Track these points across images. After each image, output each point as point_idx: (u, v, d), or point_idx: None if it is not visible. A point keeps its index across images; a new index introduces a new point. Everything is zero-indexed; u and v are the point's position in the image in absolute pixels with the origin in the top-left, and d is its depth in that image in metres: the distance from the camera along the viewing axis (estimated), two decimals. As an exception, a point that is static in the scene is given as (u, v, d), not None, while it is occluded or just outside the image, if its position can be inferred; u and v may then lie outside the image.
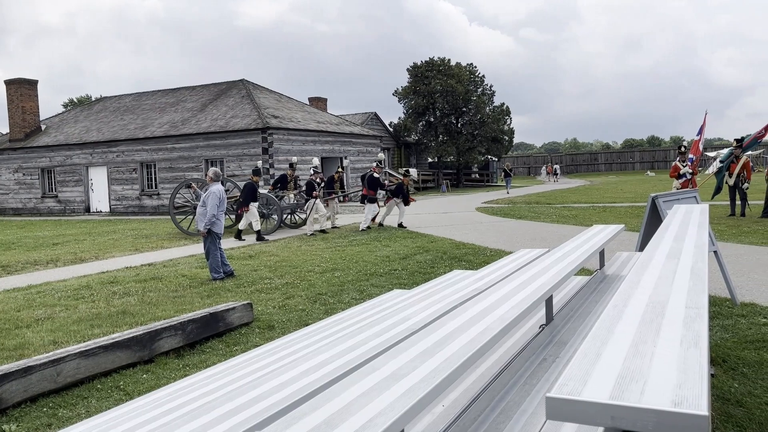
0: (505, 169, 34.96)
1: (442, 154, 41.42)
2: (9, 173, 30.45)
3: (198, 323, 5.80)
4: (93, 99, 54.77)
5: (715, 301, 6.23)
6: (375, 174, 15.36)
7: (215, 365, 4.01)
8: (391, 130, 42.78)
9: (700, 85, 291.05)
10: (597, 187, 33.21)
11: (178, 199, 16.98)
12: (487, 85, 41.30)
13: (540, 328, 3.23)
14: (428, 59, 40.25)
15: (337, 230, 15.34)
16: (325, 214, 15.02)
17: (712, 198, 16.19)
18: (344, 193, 18.22)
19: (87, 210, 28.46)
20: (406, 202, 15.33)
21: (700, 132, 14.90)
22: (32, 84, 30.48)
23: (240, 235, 14.40)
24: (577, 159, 64.08)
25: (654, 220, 5.86)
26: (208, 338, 5.92)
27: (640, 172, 54.09)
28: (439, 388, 1.65)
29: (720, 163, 15.84)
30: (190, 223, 15.80)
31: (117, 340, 5.11)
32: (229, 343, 5.82)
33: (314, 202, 14.72)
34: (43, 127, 31.30)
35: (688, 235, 3.31)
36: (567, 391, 1.28)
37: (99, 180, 28.22)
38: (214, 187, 9.06)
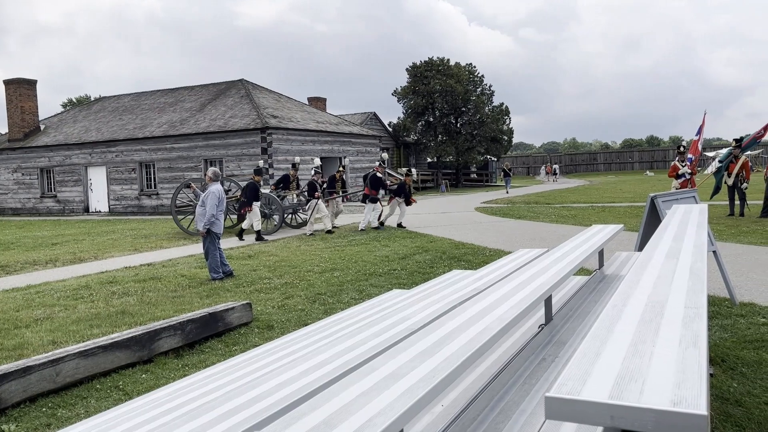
0: (505, 169, 34.96)
1: (441, 154, 41.43)
2: (8, 173, 30.44)
3: (197, 323, 5.80)
4: (92, 99, 54.72)
5: (714, 301, 6.23)
6: (378, 174, 15.33)
7: (214, 365, 4.01)
8: (390, 130, 42.77)
9: (700, 85, 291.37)
10: (596, 187, 33.23)
11: (181, 197, 16.95)
12: (487, 85, 41.33)
13: (539, 327, 3.23)
14: (427, 59, 40.24)
15: (336, 230, 15.32)
16: (327, 215, 15.02)
17: (711, 198, 16.20)
18: (345, 193, 18.20)
19: (86, 210, 28.44)
20: (408, 202, 15.31)
21: (699, 132, 14.90)
22: (31, 84, 30.47)
23: (242, 235, 14.41)
24: (576, 159, 64.09)
25: (653, 220, 5.86)
26: (208, 338, 5.92)
27: (639, 172, 54.11)
28: (439, 388, 1.65)
29: (719, 163, 15.86)
30: (189, 222, 15.79)
31: (116, 340, 5.11)
32: (229, 343, 5.82)
33: (316, 202, 14.72)
34: (42, 127, 31.28)
35: (687, 235, 3.31)
36: (566, 391, 1.28)
37: (98, 180, 28.20)
38: (214, 187, 9.06)
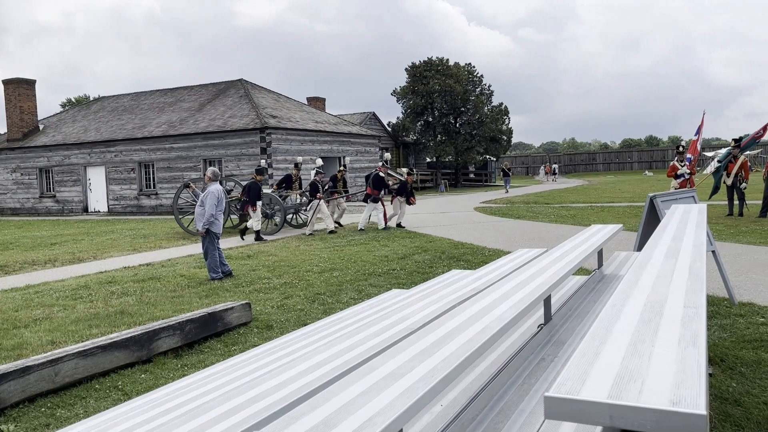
0: (504, 169, 34.97)
1: (440, 154, 41.44)
2: (7, 173, 30.41)
3: (196, 323, 5.80)
4: (91, 99, 54.62)
5: (713, 301, 6.23)
6: (380, 173, 15.36)
7: (213, 365, 4.01)
8: (390, 130, 42.76)
9: (699, 85, 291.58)
10: (595, 187, 33.24)
11: (184, 196, 16.90)
12: (486, 84, 41.36)
13: (538, 327, 3.23)
14: (427, 59, 40.25)
15: (341, 228, 15.35)
16: (328, 215, 15.02)
17: (710, 198, 16.21)
18: (347, 193, 18.19)
19: (85, 210, 28.42)
20: (408, 202, 15.36)
21: (698, 132, 14.90)
22: (30, 84, 30.44)
23: (244, 234, 14.41)
24: (575, 159, 64.12)
25: (652, 220, 5.86)
26: (207, 338, 5.92)
27: (639, 172, 54.14)
28: (438, 388, 1.65)
29: (718, 163, 15.86)
30: (189, 222, 15.78)
31: (115, 340, 5.10)
32: (228, 343, 5.82)
33: (318, 203, 14.74)
34: (41, 127, 31.26)
35: (686, 235, 3.31)
36: (565, 391, 1.28)
37: (97, 180, 28.18)
38: (213, 187, 9.06)
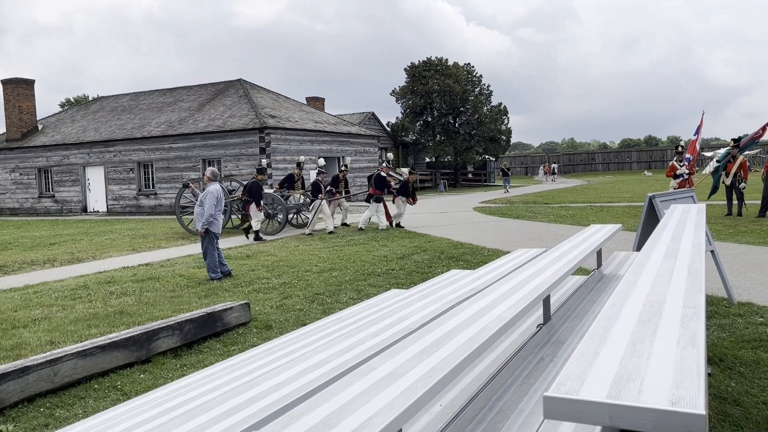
0: (504, 169, 34.99)
1: (439, 154, 41.44)
2: (6, 173, 30.39)
3: (195, 323, 5.80)
4: (90, 99, 54.61)
5: (712, 301, 6.24)
6: (382, 173, 15.41)
7: (213, 365, 4.01)
8: (389, 129, 42.76)
9: (698, 85, 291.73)
10: (594, 187, 33.26)
11: (187, 196, 16.83)
12: (485, 84, 41.35)
13: (537, 327, 3.23)
14: (426, 59, 40.25)
15: (347, 227, 15.37)
16: (329, 215, 15.03)
17: (709, 198, 16.22)
18: (348, 194, 18.19)
19: (84, 210, 28.40)
20: (411, 201, 15.45)
21: (697, 132, 14.90)
22: (29, 84, 30.41)
23: (248, 232, 14.38)
24: (574, 159, 64.15)
25: (651, 220, 5.86)
26: (206, 338, 5.91)
27: (638, 172, 54.17)
28: (437, 388, 1.65)
29: (717, 162, 15.87)
30: (190, 221, 15.76)
31: (114, 340, 5.10)
32: (227, 343, 5.82)
33: (319, 203, 14.75)
34: (40, 127, 31.23)
35: (685, 235, 3.32)
36: (564, 391, 1.28)
37: (96, 180, 28.16)
38: (212, 187, 9.06)
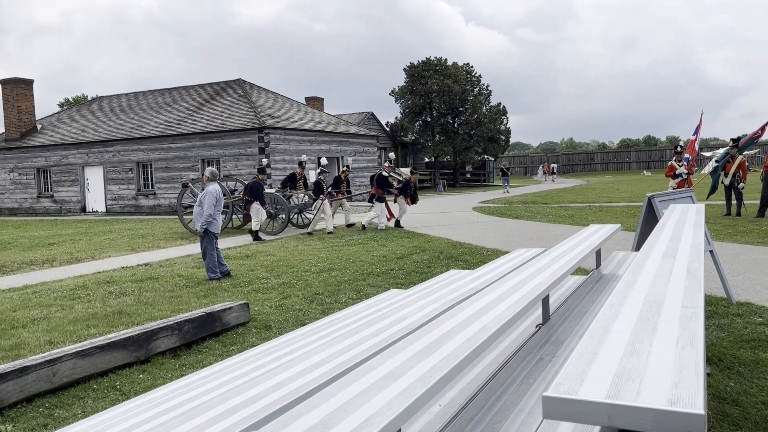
0: (503, 169, 35.00)
1: (438, 154, 41.44)
2: (5, 173, 30.36)
3: (194, 323, 5.80)
4: (89, 98, 54.61)
5: (711, 301, 6.24)
6: (384, 173, 15.43)
7: (212, 365, 4.01)
8: (388, 129, 42.77)
9: (697, 85, 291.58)
10: (593, 187, 33.27)
11: (187, 198, 16.84)
12: (484, 84, 41.37)
13: (537, 327, 3.24)
14: (425, 59, 40.27)
15: (353, 226, 15.39)
16: (329, 215, 15.03)
17: (708, 198, 16.23)
18: (350, 194, 18.19)
19: (83, 210, 28.38)
20: (413, 200, 15.49)
21: (697, 132, 14.92)
22: (28, 83, 30.39)
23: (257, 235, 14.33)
24: (573, 159, 64.19)
25: (650, 220, 5.87)
26: (205, 338, 5.91)
27: (637, 172, 54.20)
28: (436, 388, 1.65)
29: (716, 162, 15.89)
30: (190, 220, 15.74)
31: (113, 340, 5.10)
32: (226, 343, 5.81)
33: (321, 203, 14.75)
34: (39, 127, 31.21)
35: (684, 235, 3.32)
36: (563, 391, 1.28)
37: (95, 180, 28.15)
38: (211, 187, 9.05)
